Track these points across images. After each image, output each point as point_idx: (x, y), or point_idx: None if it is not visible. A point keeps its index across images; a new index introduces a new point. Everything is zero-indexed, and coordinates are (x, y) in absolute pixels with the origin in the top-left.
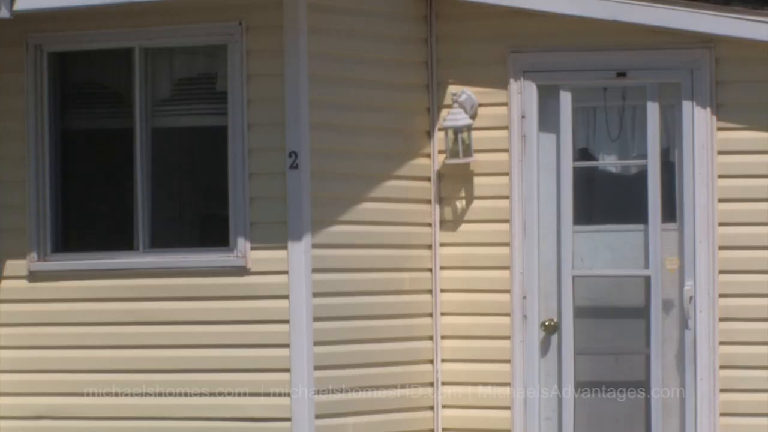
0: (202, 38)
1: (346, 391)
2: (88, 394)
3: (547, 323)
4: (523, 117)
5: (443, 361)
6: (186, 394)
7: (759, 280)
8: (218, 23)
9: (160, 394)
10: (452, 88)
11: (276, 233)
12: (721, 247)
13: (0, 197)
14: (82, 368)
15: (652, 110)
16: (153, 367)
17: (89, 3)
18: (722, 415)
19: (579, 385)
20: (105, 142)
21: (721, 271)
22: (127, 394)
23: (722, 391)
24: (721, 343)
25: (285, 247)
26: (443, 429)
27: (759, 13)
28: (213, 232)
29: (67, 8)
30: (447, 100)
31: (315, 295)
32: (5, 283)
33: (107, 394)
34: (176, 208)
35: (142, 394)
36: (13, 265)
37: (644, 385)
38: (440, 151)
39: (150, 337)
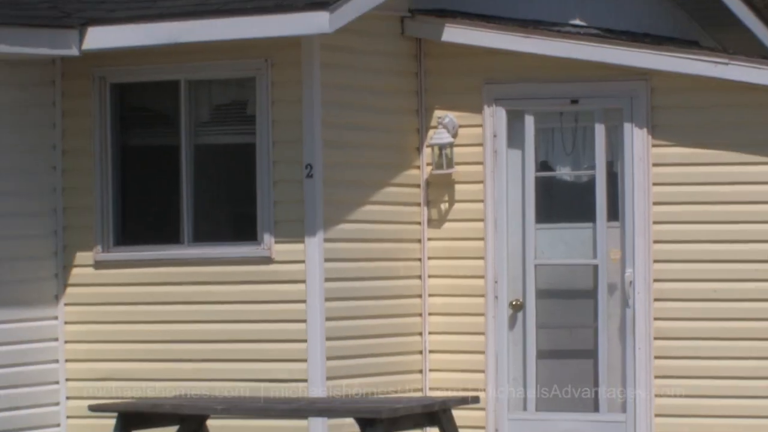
0: (235, 72)
1: (352, 357)
2: (142, 360)
3: (514, 303)
4: (494, 136)
5: (430, 333)
6: (223, 360)
7: (686, 268)
8: (248, 60)
9: (202, 360)
10: (437, 113)
11: (295, 230)
12: (655, 241)
13: (70, 201)
14: (138, 339)
15: (599, 131)
16: (195, 338)
17: (143, 43)
18: (656, 377)
19: (540, 353)
20: (156, 155)
21: (655, 261)
22: (174, 360)
23: (656, 357)
24: (655, 318)
25: (302, 241)
26: (430, 388)
27: (686, 50)
28: (244, 229)
29: (124, 48)
30: (433, 122)
31: (327, 280)
32: (75, 270)
33: (158, 360)
34: (214, 209)
35: (186, 360)
36: (81, 256)
37: (593, 353)
38: (428, 164)
39: (192, 314)
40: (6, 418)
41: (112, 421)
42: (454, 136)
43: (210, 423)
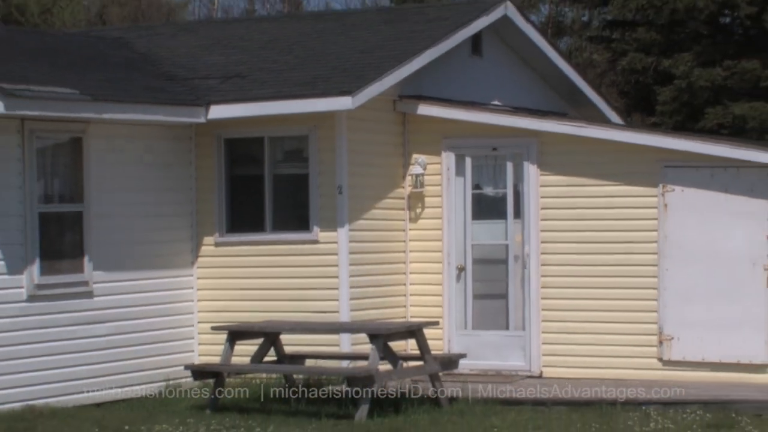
0: (297, 132)
1: (364, 298)
2: (241, 300)
3: (458, 267)
4: (448, 169)
5: (411, 284)
6: (289, 300)
7: (558, 246)
8: (304, 125)
9: (276, 300)
10: (414, 155)
11: (331, 224)
12: (542, 230)
13: (201, 206)
14: (246, 287)
15: (509, 166)
16: (274, 287)
17: (242, 115)
18: (543, 310)
19: (474, 296)
20: (250, 180)
21: (542, 242)
22: (260, 300)
23: (542, 298)
24: (542, 276)
25: (335, 230)
26: (411, 316)
27: (559, 119)
28: (302, 223)
29: (231, 118)
30: (412, 161)
31: (350, 253)
32: (203, 248)
33: (251, 300)
34: (284, 211)
35: (267, 300)
36: (207, 240)
37: (505, 295)
38: (409, 185)
39: (271, 272)
40: (164, 333)
41: (224, 336)
42: (424, 169)
43: (282, 337)
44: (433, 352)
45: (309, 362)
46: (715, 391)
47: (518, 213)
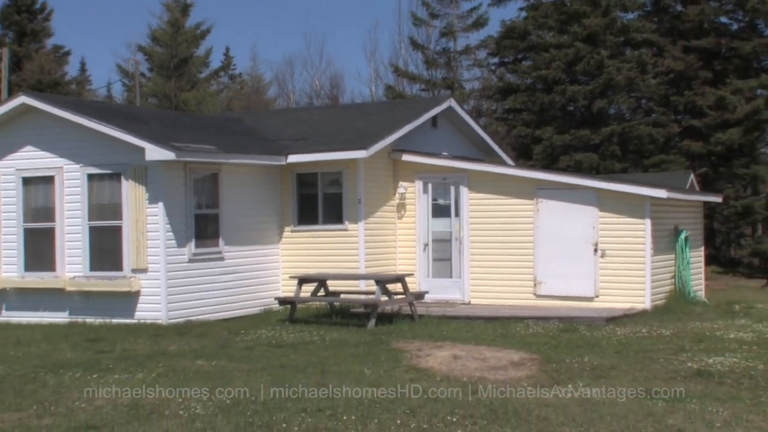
0: (335, 169)
1: (373, 261)
2: (306, 263)
3: (425, 244)
4: (418, 190)
5: (398, 254)
6: (328, 261)
7: (479, 232)
8: (339, 166)
9: (322, 262)
10: (400, 182)
11: (354, 220)
12: (470, 223)
13: (283, 210)
14: (305, 255)
15: (452, 188)
16: (323, 262)
17: (307, 160)
18: (470, 267)
19: (433, 260)
20: (309, 197)
21: (470, 230)
22: (316, 262)
23: (470, 261)
24: (470, 248)
25: (357, 223)
26: (398, 271)
27: (479, 163)
28: (339, 219)
29: (301, 162)
30: (399, 186)
31: (365, 236)
32: (284, 233)
33: (312, 262)
34: (329, 212)
35: (319, 261)
36: (287, 229)
37: (450, 259)
38: (397, 199)
39: (321, 246)
40: (263, 280)
41: (296, 281)
42: (405, 190)
43: (328, 282)
44: (410, 290)
45: (342, 296)
46: (565, 312)
47: (457, 214)
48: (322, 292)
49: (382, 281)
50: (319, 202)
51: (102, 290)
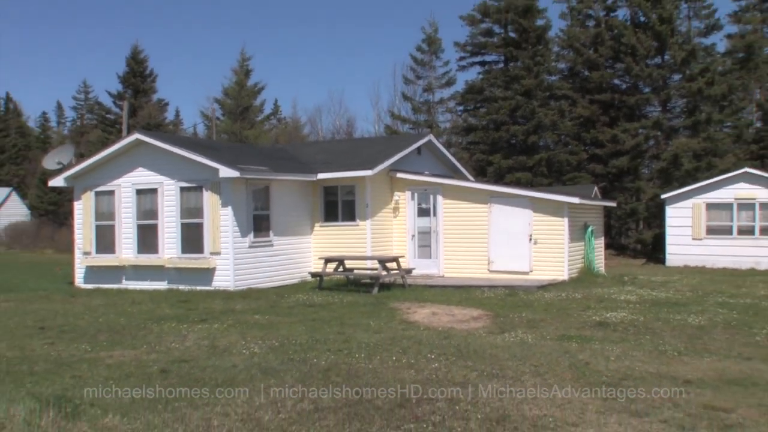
0: (351, 183)
1: (377, 246)
2: (330, 248)
3: (413, 235)
4: (408, 198)
5: (395, 245)
6: (348, 248)
7: (450, 228)
8: (353, 181)
9: (342, 247)
10: (395, 192)
11: (364, 218)
12: (444, 221)
13: (313, 213)
14: (329, 243)
15: (431, 196)
16: (342, 247)
17: (330, 176)
18: (444, 251)
19: (418, 246)
20: (332, 203)
21: (444, 226)
22: (338, 248)
23: (444, 247)
24: (444, 238)
25: (366, 221)
26: (394, 253)
27: (449, 178)
28: (353, 218)
29: (326, 177)
30: (394, 195)
31: (371, 229)
32: (315, 228)
33: (333, 248)
34: (346, 212)
35: (341, 247)
36: (317, 225)
37: (429, 246)
38: (393, 204)
39: (341, 236)
40: (300, 260)
41: (322, 261)
42: (399, 198)
43: (346, 262)
44: (402, 267)
45: (355, 271)
46: (509, 282)
47: (434, 214)
48: (341, 269)
49: (382, 261)
50: (339, 206)
51: (190, 267)
